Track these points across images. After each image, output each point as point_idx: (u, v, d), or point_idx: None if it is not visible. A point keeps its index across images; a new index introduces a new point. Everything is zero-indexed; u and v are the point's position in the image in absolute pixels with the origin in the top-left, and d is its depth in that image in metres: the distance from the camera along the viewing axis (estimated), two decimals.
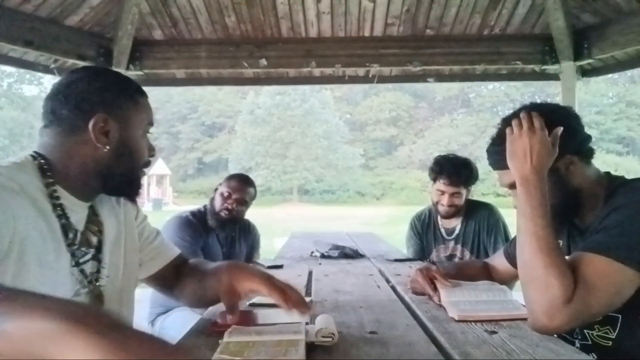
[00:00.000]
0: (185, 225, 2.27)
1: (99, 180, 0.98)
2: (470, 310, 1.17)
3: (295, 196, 34.55)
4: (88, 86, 0.96)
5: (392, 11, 3.61)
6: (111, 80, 1.00)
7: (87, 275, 0.97)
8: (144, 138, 1.04)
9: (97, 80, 0.98)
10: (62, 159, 0.95)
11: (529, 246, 1.03)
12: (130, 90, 1.02)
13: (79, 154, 0.95)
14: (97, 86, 0.97)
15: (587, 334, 1.12)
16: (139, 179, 1.05)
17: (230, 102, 39.99)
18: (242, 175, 2.45)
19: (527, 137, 1.09)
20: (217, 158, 37.55)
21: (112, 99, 0.98)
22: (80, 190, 0.97)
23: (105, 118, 0.95)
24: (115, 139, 0.97)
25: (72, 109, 0.94)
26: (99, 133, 0.94)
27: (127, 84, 1.03)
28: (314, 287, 1.60)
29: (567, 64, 3.58)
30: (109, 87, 0.98)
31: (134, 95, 1.02)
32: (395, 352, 0.92)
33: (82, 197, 0.98)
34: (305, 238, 3.27)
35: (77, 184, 0.96)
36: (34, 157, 0.94)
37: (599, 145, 31.23)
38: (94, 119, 0.94)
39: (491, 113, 37.65)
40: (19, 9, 3.09)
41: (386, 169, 37.88)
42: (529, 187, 1.07)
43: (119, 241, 1.08)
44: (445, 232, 2.52)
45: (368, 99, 41.29)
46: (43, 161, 0.94)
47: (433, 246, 2.57)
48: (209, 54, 3.77)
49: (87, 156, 0.96)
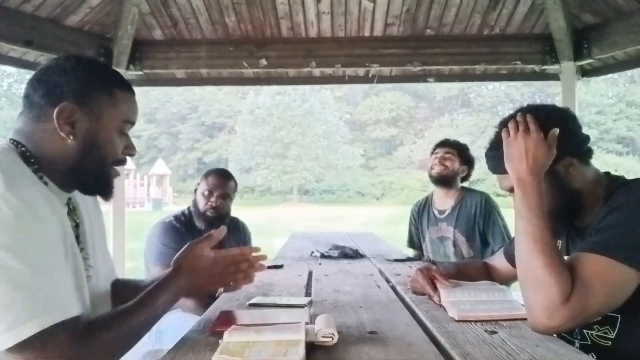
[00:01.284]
0: (169, 231, 2.22)
1: (69, 173, 0.94)
2: (470, 310, 1.17)
3: (295, 196, 34.54)
4: (63, 73, 0.93)
5: (392, 11, 3.61)
6: (89, 71, 0.96)
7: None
8: (120, 136, 0.98)
9: (75, 69, 0.94)
10: (36, 146, 0.92)
11: (526, 247, 1.03)
12: (108, 83, 0.97)
13: (47, 142, 0.92)
14: (72, 74, 0.93)
15: (587, 334, 1.13)
16: (109, 177, 1.00)
17: (230, 102, 39.96)
18: (219, 170, 2.38)
19: (522, 139, 1.10)
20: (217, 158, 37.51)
21: (85, 90, 0.93)
22: (58, 179, 0.94)
23: (73, 108, 0.91)
24: (82, 132, 0.93)
25: (43, 95, 0.92)
26: (63, 122, 0.91)
27: (107, 76, 0.98)
28: (314, 287, 1.60)
29: (567, 64, 3.58)
30: (84, 77, 0.94)
31: (112, 89, 0.96)
32: (395, 352, 0.92)
33: (62, 187, 0.96)
34: (305, 238, 3.27)
35: (53, 172, 0.93)
36: (15, 145, 0.92)
37: (599, 145, 31.21)
38: (59, 107, 0.90)
39: (491, 113, 37.61)
40: (19, 9, 3.10)
41: (386, 169, 37.84)
42: (525, 188, 1.07)
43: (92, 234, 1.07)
44: (438, 213, 2.60)
45: (368, 99, 41.26)
46: (23, 148, 0.91)
47: (427, 229, 2.65)
48: (209, 54, 3.77)
49: (54, 146, 0.92)
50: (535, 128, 1.10)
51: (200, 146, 39.12)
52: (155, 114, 39.51)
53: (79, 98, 0.92)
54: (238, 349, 0.89)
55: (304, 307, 1.24)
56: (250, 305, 1.29)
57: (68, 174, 0.94)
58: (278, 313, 1.18)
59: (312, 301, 1.35)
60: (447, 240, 2.54)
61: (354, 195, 34.71)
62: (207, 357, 0.89)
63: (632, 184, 1.11)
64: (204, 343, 0.98)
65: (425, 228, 2.67)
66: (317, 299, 1.41)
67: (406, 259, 2.30)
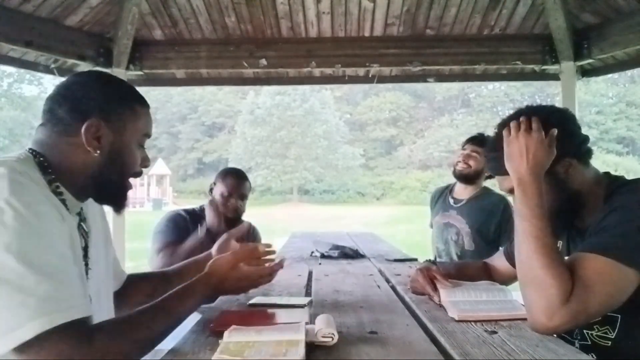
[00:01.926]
0: (177, 218, 2.27)
1: (88, 184, 0.98)
2: (470, 310, 1.17)
3: (295, 196, 34.53)
4: (87, 89, 0.97)
5: (392, 11, 3.61)
6: (112, 87, 1.01)
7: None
8: (138, 148, 1.03)
9: (98, 85, 0.98)
10: (57, 157, 0.95)
11: (526, 247, 1.03)
12: (129, 99, 1.01)
13: (71, 155, 0.95)
14: (96, 91, 0.97)
15: (587, 334, 1.13)
16: (127, 189, 1.04)
17: (230, 102, 39.95)
18: (236, 171, 2.39)
19: (523, 138, 1.09)
20: (217, 158, 37.51)
21: (109, 106, 0.97)
22: (74, 189, 0.97)
23: (99, 123, 0.95)
24: (107, 145, 0.97)
25: (68, 110, 0.95)
26: (91, 137, 0.94)
27: (128, 92, 1.03)
28: (314, 287, 1.60)
29: (567, 64, 3.58)
30: (108, 93, 0.98)
31: (133, 105, 1.01)
32: (395, 352, 0.92)
33: (77, 197, 0.98)
34: (305, 238, 3.27)
35: (71, 183, 0.96)
36: (32, 155, 0.94)
37: (599, 145, 31.20)
38: (87, 123, 0.94)
39: (491, 113, 37.60)
40: (19, 9, 3.10)
41: (386, 169, 37.84)
42: (525, 188, 1.07)
43: (99, 242, 1.08)
44: (454, 201, 2.61)
45: (368, 99, 41.25)
46: (42, 158, 0.94)
47: (438, 212, 2.69)
48: (209, 54, 3.77)
49: (78, 159, 0.95)
50: (537, 127, 1.10)
51: (200, 146, 39.12)
52: (155, 114, 39.22)
53: (104, 114, 0.96)
54: (238, 349, 0.89)
55: (304, 307, 1.24)
56: (250, 305, 1.29)
57: (87, 184, 0.98)
58: (278, 313, 1.18)
59: (312, 301, 1.35)
60: (451, 228, 2.55)
61: (354, 195, 34.71)
62: (207, 357, 0.89)
63: (632, 184, 1.11)
64: (204, 343, 0.98)
65: (437, 212, 2.69)
66: (317, 299, 1.41)
67: (406, 259, 2.30)
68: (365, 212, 24.07)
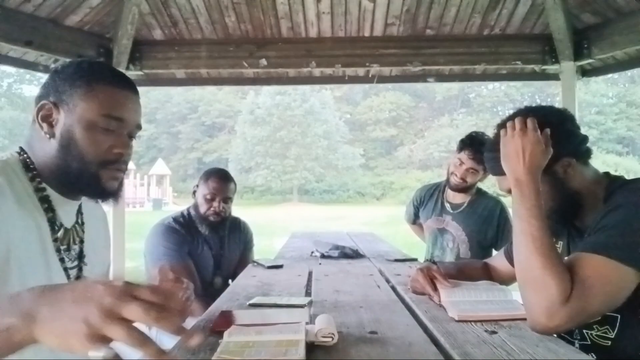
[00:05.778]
0: (169, 233, 2.20)
1: (57, 175, 0.90)
2: (470, 310, 1.17)
3: (295, 196, 34.53)
4: (54, 75, 0.91)
5: (392, 11, 3.61)
6: (76, 70, 0.91)
7: (69, 275, 0.94)
8: (101, 132, 0.90)
9: (65, 68, 0.91)
10: (34, 152, 0.92)
11: (525, 247, 1.03)
12: (89, 78, 0.89)
13: (36, 145, 0.91)
14: (60, 74, 0.91)
15: (586, 334, 1.13)
16: (97, 178, 0.91)
17: (230, 102, 39.97)
18: (219, 173, 2.32)
19: (519, 138, 1.09)
20: (217, 158, 37.49)
21: (64, 87, 0.89)
22: (54, 184, 0.92)
23: (50, 106, 0.88)
24: (59, 129, 0.89)
25: (37, 99, 0.91)
26: (42, 121, 0.89)
27: (92, 72, 0.91)
28: (314, 287, 1.60)
29: (567, 64, 3.58)
30: (69, 76, 0.90)
31: (91, 83, 0.89)
32: (395, 352, 0.92)
33: (65, 194, 0.93)
34: (305, 238, 3.27)
35: (49, 177, 0.91)
36: (19, 153, 0.92)
37: (599, 145, 31.18)
38: (39, 106, 0.89)
39: (491, 113, 37.60)
40: (19, 9, 3.09)
41: (386, 169, 37.86)
42: (522, 188, 1.07)
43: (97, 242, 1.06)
44: (449, 207, 2.55)
45: (368, 99, 41.26)
46: (26, 155, 0.91)
47: (430, 215, 2.62)
48: (209, 54, 3.77)
49: (41, 148, 0.90)
50: (533, 126, 1.10)
51: (200, 146, 39.13)
52: (155, 114, 39.49)
53: (57, 95, 0.89)
54: (238, 349, 0.89)
55: (304, 307, 1.24)
56: (250, 305, 1.29)
57: (58, 176, 0.91)
58: (278, 313, 1.18)
59: (312, 301, 1.35)
60: (447, 234, 2.52)
61: (354, 195, 34.72)
62: (207, 357, 0.89)
63: (632, 184, 1.11)
64: (204, 343, 0.98)
65: (428, 214, 2.63)
66: (317, 299, 1.40)
67: (406, 259, 2.30)
68: (365, 212, 24.06)
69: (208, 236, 2.30)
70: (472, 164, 2.35)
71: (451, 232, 2.51)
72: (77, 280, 0.94)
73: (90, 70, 0.91)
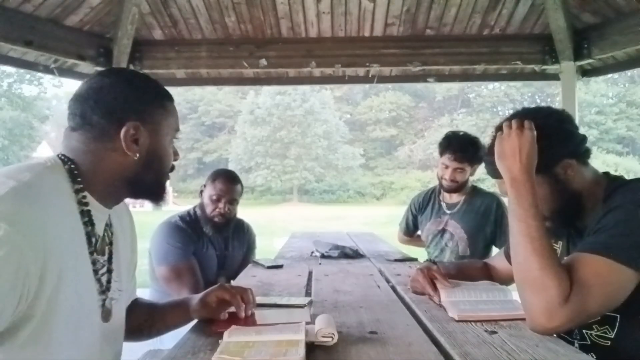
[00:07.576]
0: (175, 231, 2.21)
1: (126, 186, 0.97)
2: (470, 310, 1.17)
3: (295, 196, 34.53)
4: (119, 92, 0.94)
5: (392, 11, 3.61)
6: (143, 87, 0.99)
7: (102, 285, 0.95)
8: (171, 144, 1.03)
9: (130, 86, 0.96)
10: (90, 164, 0.93)
11: (523, 248, 1.03)
12: (160, 96, 1.01)
13: (108, 160, 0.94)
14: (129, 93, 0.95)
15: (586, 334, 1.13)
16: (165, 184, 1.05)
17: (230, 102, 39.94)
18: (227, 174, 2.33)
19: (516, 137, 1.10)
20: (217, 158, 37.49)
21: (144, 107, 0.97)
22: (105, 196, 0.96)
23: (137, 126, 0.94)
24: (145, 147, 0.96)
25: (104, 115, 0.92)
26: (130, 141, 0.93)
27: (158, 90, 1.02)
28: (314, 287, 1.60)
29: (567, 64, 3.58)
30: (140, 93, 0.97)
31: (164, 103, 1.01)
32: (395, 352, 0.92)
33: (105, 204, 0.97)
34: (305, 238, 3.27)
35: (103, 190, 0.95)
36: (63, 161, 0.92)
37: (599, 146, 31.17)
38: (125, 127, 0.92)
39: (491, 113, 37.60)
40: (19, 9, 3.09)
41: (386, 169, 37.85)
42: (519, 189, 1.07)
43: (127, 252, 1.08)
44: (446, 207, 2.57)
45: (368, 99, 41.24)
46: (73, 166, 0.91)
47: (429, 219, 2.63)
48: (209, 54, 3.77)
49: (116, 163, 0.94)
50: (530, 126, 1.10)
51: (200, 146, 39.11)
52: None
53: (140, 115, 0.95)
54: (238, 349, 0.89)
55: (304, 307, 1.25)
56: None
57: (121, 188, 0.97)
58: (278, 313, 1.18)
59: (312, 301, 1.35)
60: (446, 234, 2.54)
61: (354, 195, 34.72)
62: (207, 357, 0.89)
63: (631, 184, 1.11)
64: (204, 343, 0.98)
65: (427, 218, 2.64)
66: (317, 299, 1.41)
67: (406, 259, 2.30)
68: (365, 212, 24.06)
69: (212, 236, 2.31)
70: (456, 164, 2.40)
71: (450, 231, 2.52)
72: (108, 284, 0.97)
73: (155, 88, 1.01)
